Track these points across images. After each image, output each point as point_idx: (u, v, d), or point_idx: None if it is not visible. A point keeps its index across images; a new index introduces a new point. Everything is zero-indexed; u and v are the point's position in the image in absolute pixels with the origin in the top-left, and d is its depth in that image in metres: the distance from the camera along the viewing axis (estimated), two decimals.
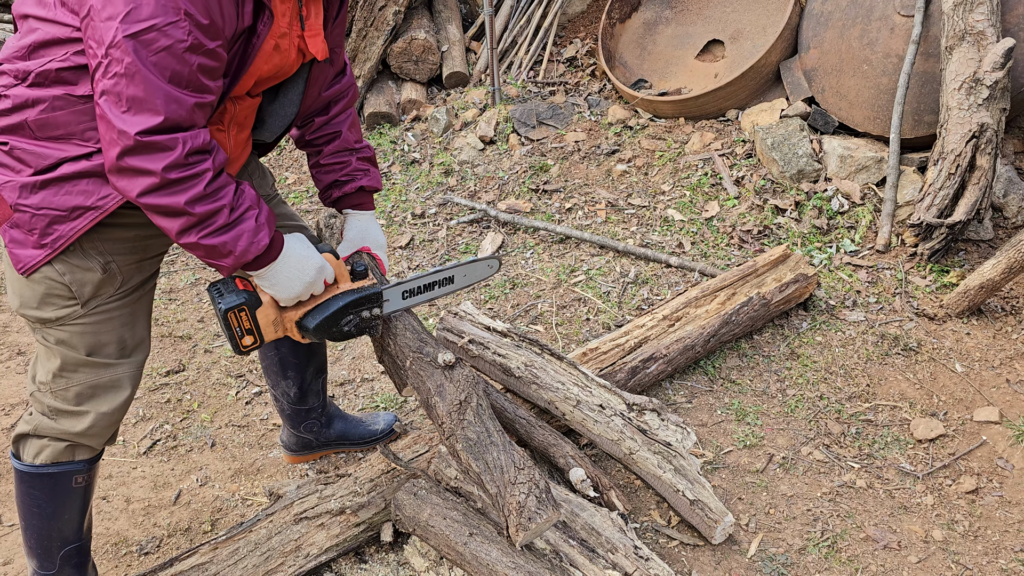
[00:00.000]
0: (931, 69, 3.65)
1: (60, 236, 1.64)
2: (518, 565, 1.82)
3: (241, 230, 1.61)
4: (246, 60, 1.63)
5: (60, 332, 1.76)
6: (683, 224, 3.85)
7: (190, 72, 1.47)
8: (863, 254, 3.53)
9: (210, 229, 1.56)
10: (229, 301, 1.74)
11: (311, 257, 1.79)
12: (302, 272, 1.77)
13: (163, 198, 1.50)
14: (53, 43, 1.54)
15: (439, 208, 4.24)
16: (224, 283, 1.78)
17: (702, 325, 2.89)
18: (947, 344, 3.04)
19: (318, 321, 1.84)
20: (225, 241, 1.59)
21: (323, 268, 1.81)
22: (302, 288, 1.78)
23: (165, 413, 3.03)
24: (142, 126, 1.44)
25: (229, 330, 1.77)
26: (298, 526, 2.18)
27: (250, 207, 1.64)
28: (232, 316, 1.75)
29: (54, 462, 1.85)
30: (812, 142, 3.92)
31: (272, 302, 1.80)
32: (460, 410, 1.83)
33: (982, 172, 3.24)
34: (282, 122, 1.93)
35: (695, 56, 4.64)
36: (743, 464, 2.59)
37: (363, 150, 2.16)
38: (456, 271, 2.13)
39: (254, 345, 1.81)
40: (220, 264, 1.63)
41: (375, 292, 1.90)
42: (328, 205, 2.20)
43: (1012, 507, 2.42)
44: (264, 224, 1.66)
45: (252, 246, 1.63)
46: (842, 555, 2.28)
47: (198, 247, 1.58)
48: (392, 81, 5.31)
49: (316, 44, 1.79)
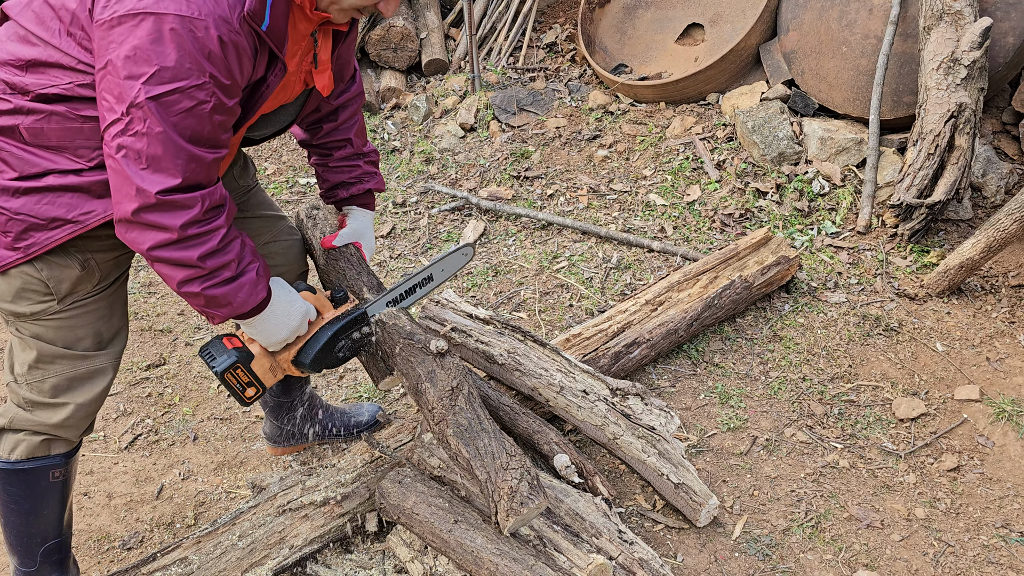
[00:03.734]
0: (909, 50, 3.65)
1: (35, 243, 1.61)
2: (503, 551, 1.82)
3: (243, 283, 1.64)
4: (254, 106, 1.65)
5: (35, 326, 1.73)
6: (665, 209, 3.84)
7: (210, 131, 1.49)
8: (844, 236, 3.54)
9: (215, 281, 1.59)
10: (223, 363, 1.79)
11: (295, 303, 1.82)
12: (288, 318, 1.80)
13: (176, 252, 1.52)
14: (55, 67, 1.52)
15: (420, 196, 4.22)
16: (213, 346, 1.82)
17: (685, 309, 2.89)
18: (928, 324, 3.06)
19: (312, 356, 1.88)
20: (227, 293, 1.62)
21: (307, 312, 1.85)
22: (288, 334, 1.82)
23: (146, 407, 3.00)
24: (162, 185, 1.45)
25: (230, 388, 1.82)
26: (282, 518, 2.17)
27: (252, 261, 1.67)
28: (229, 376, 1.80)
29: (30, 457, 1.83)
30: (792, 125, 3.93)
31: (263, 352, 1.84)
32: (452, 396, 1.84)
33: (961, 152, 3.25)
34: (274, 129, 1.95)
35: (675, 40, 4.62)
36: (727, 447, 2.60)
37: (370, 154, 2.21)
38: (434, 269, 2.18)
39: (257, 395, 1.87)
40: (215, 313, 1.65)
41: (360, 313, 1.93)
42: (329, 201, 2.23)
43: (993, 484, 2.44)
44: (263, 276, 1.70)
45: (251, 298, 1.66)
46: (826, 535, 2.29)
47: (199, 297, 1.60)
48: (371, 69, 5.27)
49: (322, 80, 1.82)
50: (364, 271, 2.14)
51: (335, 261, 2.16)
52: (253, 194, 2.16)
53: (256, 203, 2.15)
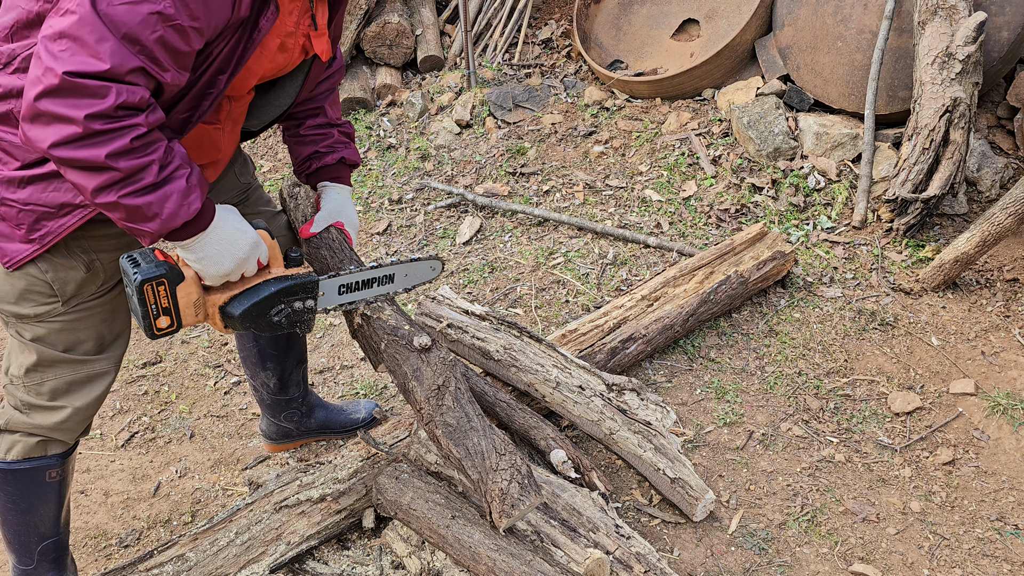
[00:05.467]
0: (905, 44, 3.66)
1: (49, 232, 1.59)
2: (500, 547, 1.82)
3: (169, 190, 1.42)
4: (246, 53, 1.53)
5: (37, 328, 1.71)
6: (661, 204, 3.85)
7: (148, 39, 1.32)
8: (840, 230, 3.55)
9: (134, 187, 1.38)
10: (147, 271, 1.53)
11: (245, 231, 1.61)
12: (234, 246, 1.58)
13: (80, 150, 1.32)
14: (36, 23, 1.45)
15: (416, 193, 4.22)
16: (142, 253, 1.57)
17: (681, 304, 2.89)
18: (923, 318, 3.07)
19: (246, 307, 1.65)
20: (150, 202, 1.40)
21: (258, 245, 1.64)
22: (233, 265, 1.59)
23: (143, 405, 3.00)
24: (74, 67, 1.28)
25: (144, 306, 1.55)
26: (278, 514, 2.17)
27: (181, 165, 1.45)
28: (149, 289, 1.53)
29: (26, 457, 1.82)
30: (788, 120, 3.93)
31: (196, 279, 1.60)
32: (438, 395, 1.80)
33: (956, 147, 3.25)
34: (274, 113, 1.88)
35: (671, 36, 4.62)
36: (723, 441, 2.60)
37: (344, 126, 2.10)
38: (397, 269, 1.98)
39: (170, 328, 1.60)
40: (142, 229, 1.44)
41: (311, 281, 1.73)
42: (304, 178, 2.11)
43: (988, 477, 2.45)
44: (196, 186, 1.48)
45: (181, 209, 1.44)
46: (822, 529, 2.30)
47: (118, 207, 1.39)
48: (366, 66, 5.26)
49: (321, 44, 1.72)
50: (347, 257, 1.99)
51: (316, 250, 2.03)
52: (252, 191, 2.14)
53: (255, 200, 2.14)
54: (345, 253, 1.99)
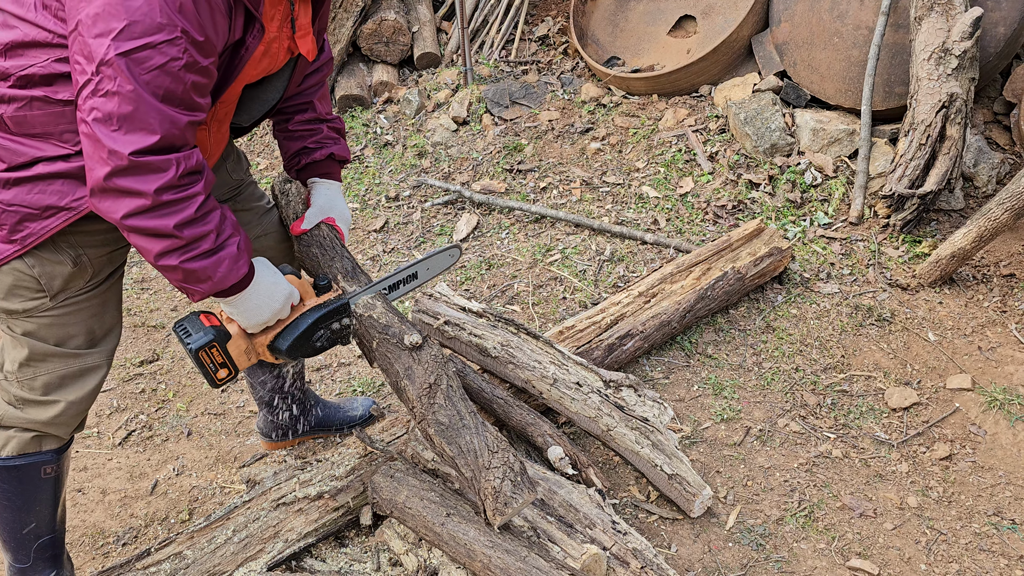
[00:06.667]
0: (901, 40, 3.66)
1: (31, 234, 1.60)
2: (495, 543, 1.82)
3: (223, 256, 1.57)
4: (233, 71, 1.60)
5: (27, 323, 1.72)
6: (658, 201, 3.84)
7: (184, 91, 1.43)
8: (836, 226, 3.55)
9: (193, 254, 1.52)
10: (198, 340, 1.71)
11: (279, 284, 1.76)
12: (271, 299, 1.74)
13: (151, 220, 1.46)
14: (32, 46, 1.49)
15: (413, 190, 4.21)
16: (189, 321, 1.75)
17: (678, 301, 2.89)
18: (920, 314, 3.07)
19: (290, 342, 1.81)
20: (206, 266, 1.55)
21: (291, 294, 1.79)
22: (270, 315, 1.75)
23: (140, 403, 2.99)
24: (136, 146, 1.39)
25: (203, 367, 1.74)
26: (276, 512, 2.17)
27: (233, 234, 1.60)
28: (204, 354, 1.72)
29: (21, 453, 1.82)
30: (785, 116, 3.93)
31: (241, 332, 1.78)
32: (430, 393, 1.81)
33: (952, 142, 3.25)
34: (263, 108, 1.89)
35: (667, 32, 4.62)
36: (721, 437, 2.60)
37: (334, 121, 2.11)
38: (419, 267, 2.11)
39: (229, 377, 1.79)
40: (195, 289, 1.59)
41: (342, 304, 1.87)
42: (293, 174, 2.13)
43: (985, 472, 2.45)
44: (244, 251, 1.63)
45: (232, 273, 1.60)
46: (819, 524, 2.30)
47: (177, 271, 1.53)
48: (363, 63, 5.25)
49: (306, 44, 1.76)
50: (338, 255, 2.03)
51: (307, 247, 2.06)
52: (245, 187, 2.14)
53: (247, 196, 2.14)
54: (336, 250, 2.03)
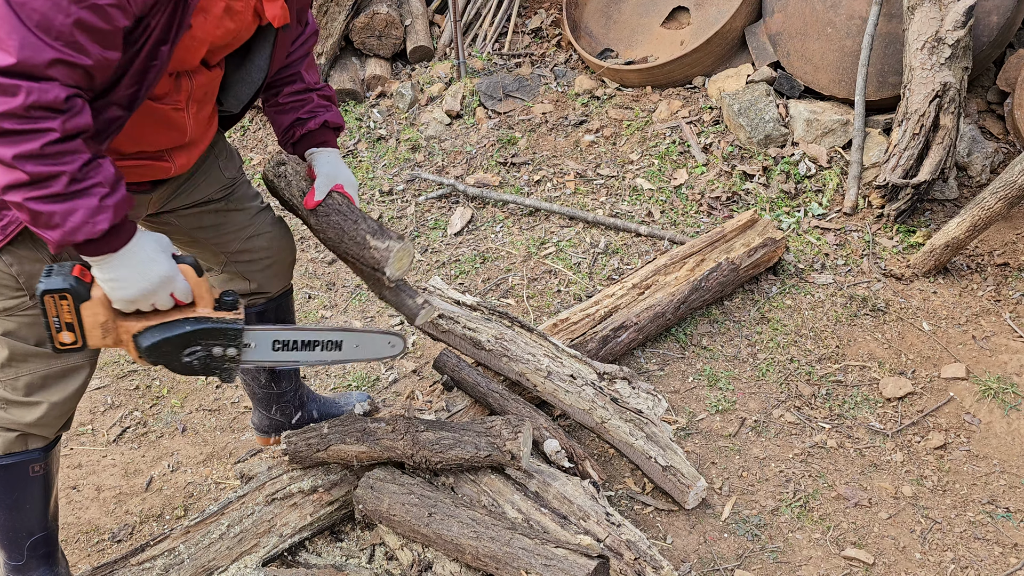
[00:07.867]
0: (894, 30, 3.65)
1: (12, 222, 1.57)
2: (479, 533, 1.84)
3: (76, 205, 1.39)
4: (184, 20, 1.47)
5: (7, 323, 1.70)
6: (652, 193, 3.84)
7: (64, 24, 1.28)
8: (831, 217, 3.54)
9: (40, 193, 1.36)
10: (51, 283, 1.50)
11: (159, 262, 1.55)
12: (142, 276, 1.53)
13: None
14: None
15: (407, 184, 4.20)
16: (61, 265, 1.55)
17: (672, 292, 2.89)
18: (914, 303, 3.07)
19: (156, 340, 1.58)
20: (54, 211, 1.38)
21: (170, 280, 1.57)
22: (138, 293, 1.54)
23: (134, 400, 2.99)
24: None
25: (46, 318, 1.51)
26: (270, 506, 2.17)
27: (98, 184, 1.42)
28: (50, 301, 1.50)
29: (6, 452, 1.80)
30: (778, 107, 3.92)
31: (104, 301, 1.55)
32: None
33: (946, 132, 3.25)
34: (249, 89, 1.82)
35: (661, 24, 4.61)
36: (716, 429, 2.60)
37: (323, 89, 2.03)
38: (346, 337, 1.85)
39: (73, 345, 1.56)
40: (44, 236, 1.42)
41: (234, 328, 1.63)
42: (290, 148, 2.05)
43: (979, 461, 2.45)
44: (110, 207, 1.43)
45: (85, 226, 1.41)
46: (814, 514, 2.30)
47: (22, 208, 1.38)
48: (356, 57, 5.23)
49: (273, 8, 1.62)
50: (360, 217, 1.91)
51: (326, 217, 1.93)
52: (238, 186, 2.09)
53: (240, 196, 2.09)
54: (357, 213, 1.91)
